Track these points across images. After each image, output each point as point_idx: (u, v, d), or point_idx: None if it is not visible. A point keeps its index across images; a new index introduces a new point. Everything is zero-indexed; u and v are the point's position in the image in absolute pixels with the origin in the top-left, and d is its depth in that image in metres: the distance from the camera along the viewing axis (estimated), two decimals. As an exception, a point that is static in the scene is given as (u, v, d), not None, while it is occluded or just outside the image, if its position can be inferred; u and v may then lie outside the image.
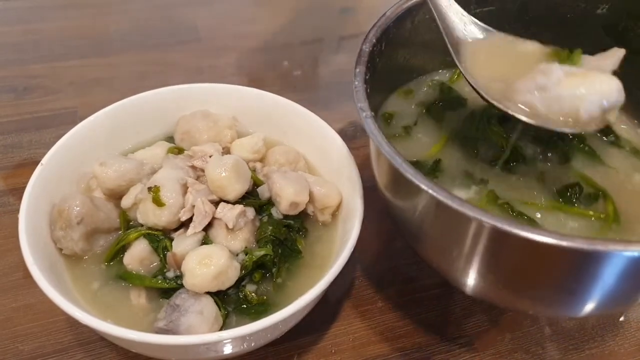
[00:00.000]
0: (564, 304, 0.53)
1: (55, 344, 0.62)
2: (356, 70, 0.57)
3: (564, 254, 0.44)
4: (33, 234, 0.57)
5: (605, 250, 0.41)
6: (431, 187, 0.45)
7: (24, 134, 0.87)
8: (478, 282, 0.53)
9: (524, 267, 0.49)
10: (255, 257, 0.58)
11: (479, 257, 0.49)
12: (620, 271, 0.45)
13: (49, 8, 1.18)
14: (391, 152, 0.49)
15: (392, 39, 0.61)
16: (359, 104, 0.53)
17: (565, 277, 0.48)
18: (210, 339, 0.49)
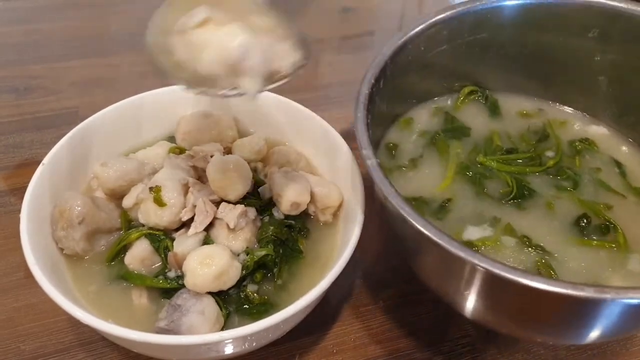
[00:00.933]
0: (563, 337, 0.54)
1: (57, 344, 0.62)
2: (357, 114, 0.57)
3: (557, 298, 0.44)
4: (34, 234, 0.57)
5: (595, 297, 0.41)
6: (442, 238, 0.45)
7: (25, 134, 0.87)
8: (478, 316, 0.54)
9: (523, 308, 0.49)
10: (256, 257, 0.58)
11: (477, 295, 0.50)
12: (617, 313, 0.45)
13: (49, 8, 1.18)
14: (402, 204, 0.48)
15: (389, 75, 0.62)
16: (363, 151, 0.53)
17: (561, 317, 0.48)
18: (211, 339, 0.49)
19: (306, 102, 0.73)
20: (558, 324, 0.50)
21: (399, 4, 1.29)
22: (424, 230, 0.46)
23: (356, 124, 0.56)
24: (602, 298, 0.41)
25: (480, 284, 0.48)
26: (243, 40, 0.46)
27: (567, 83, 0.72)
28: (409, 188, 0.49)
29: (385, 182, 0.50)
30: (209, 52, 0.46)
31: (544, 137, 0.70)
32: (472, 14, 0.67)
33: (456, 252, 0.44)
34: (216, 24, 0.47)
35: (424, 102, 0.74)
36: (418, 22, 0.64)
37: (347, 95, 0.97)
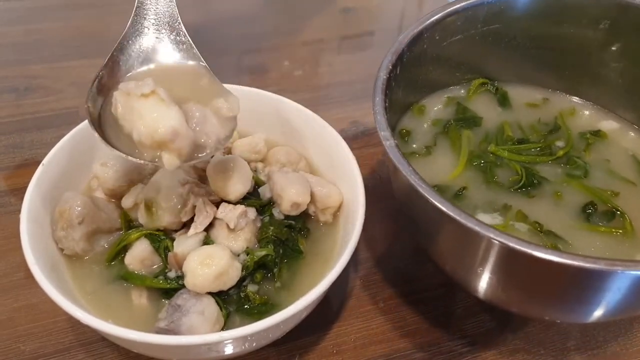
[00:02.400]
0: (575, 314, 0.55)
1: (57, 344, 0.62)
2: (375, 99, 0.58)
3: (570, 271, 0.45)
4: (34, 234, 0.57)
5: (606, 269, 0.43)
6: (460, 215, 0.47)
7: (25, 134, 0.87)
8: (492, 292, 0.55)
9: (538, 281, 0.50)
10: (256, 257, 0.58)
11: (495, 272, 0.51)
12: (626, 287, 0.46)
13: (50, 8, 1.18)
14: (420, 182, 0.49)
15: (406, 62, 0.63)
16: (382, 132, 0.55)
17: (574, 290, 0.49)
18: (211, 339, 0.49)
19: (306, 102, 0.73)
20: (568, 298, 0.50)
21: (399, 4, 1.29)
22: (441, 205, 0.47)
23: (374, 107, 0.57)
24: (612, 270, 0.43)
25: (496, 259, 0.49)
26: (173, 127, 0.50)
27: (578, 74, 0.73)
28: (422, 174, 0.50)
29: (403, 161, 0.51)
30: (142, 124, 0.50)
31: (555, 128, 0.71)
32: (486, 5, 0.68)
33: (473, 227, 0.46)
34: (159, 100, 0.50)
35: (437, 91, 0.76)
36: (434, 12, 0.66)
37: (347, 95, 0.97)
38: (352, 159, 0.65)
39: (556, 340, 0.65)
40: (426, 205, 0.49)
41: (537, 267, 0.47)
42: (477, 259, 0.51)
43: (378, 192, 0.76)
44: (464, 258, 0.55)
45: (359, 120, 0.92)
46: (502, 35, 0.71)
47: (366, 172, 0.65)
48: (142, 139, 0.50)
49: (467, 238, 0.50)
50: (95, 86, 0.56)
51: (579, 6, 0.68)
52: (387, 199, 0.77)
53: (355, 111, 0.93)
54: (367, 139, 0.89)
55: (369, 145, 0.87)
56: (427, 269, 0.71)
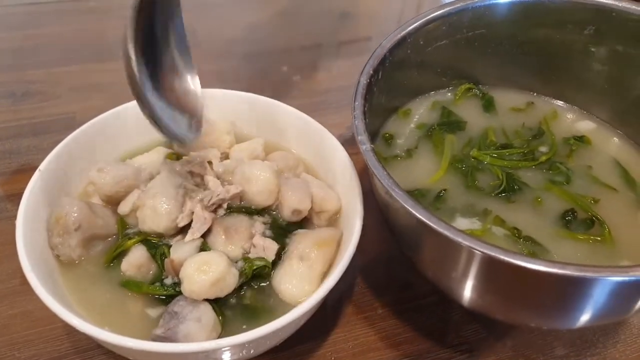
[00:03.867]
0: (558, 320, 0.54)
1: (52, 352, 0.61)
2: (355, 103, 0.58)
3: (552, 279, 0.45)
4: (30, 240, 0.56)
5: (589, 276, 0.43)
6: (435, 222, 0.46)
7: (22, 139, 0.87)
8: (474, 300, 0.55)
9: (519, 290, 0.50)
10: (254, 266, 0.58)
11: (475, 280, 0.51)
12: (609, 293, 0.46)
13: (47, 14, 1.18)
14: (393, 186, 0.50)
15: (388, 67, 0.63)
16: (359, 137, 0.55)
17: (557, 298, 0.49)
18: (208, 347, 0.49)
19: (304, 107, 0.73)
20: (549, 305, 0.50)
21: (397, 9, 1.29)
22: (413, 210, 0.47)
23: (353, 111, 0.57)
24: (583, 276, 0.42)
25: (468, 265, 0.49)
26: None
27: (563, 78, 0.73)
28: (403, 177, 0.51)
29: (378, 166, 0.51)
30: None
31: (539, 133, 0.71)
32: (470, 10, 0.68)
33: (443, 232, 0.45)
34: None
35: (423, 95, 0.76)
36: (417, 18, 0.66)
37: (345, 100, 0.97)
38: (350, 164, 0.65)
39: (555, 346, 0.65)
40: (401, 210, 0.49)
41: (510, 274, 0.47)
42: (451, 265, 0.51)
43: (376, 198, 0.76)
44: (441, 264, 0.55)
45: (357, 126, 0.92)
46: (488, 40, 0.71)
47: (364, 177, 0.65)
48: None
49: (440, 243, 0.50)
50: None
51: (563, 11, 0.68)
52: (385, 204, 0.77)
53: (354, 116, 0.93)
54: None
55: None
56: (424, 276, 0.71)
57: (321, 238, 0.60)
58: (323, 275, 0.59)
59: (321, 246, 0.59)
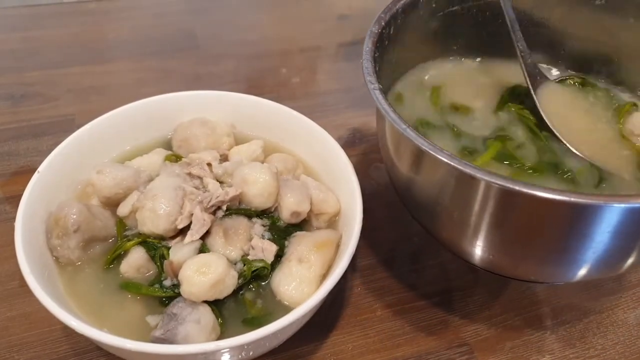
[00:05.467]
0: (560, 262, 0.55)
1: (51, 354, 0.61)
2: (365, 48, 0.59)
3: (562, 208, 0.47)
4: (29, 242, 0.56)
5: (600, 203, 0.44)
6: (438, 151, 0.47)
7: (21, 141, 0.87)
8: (484, 244, 0.55)
9: (527, 223, 0.51)
10: (253, 267, 0.58)
11: (486, 216, 0.51)
12: (614, 224, 0.47)
13: (47, 16, 1.18)
14: (400, 122, 0.51)
15: (400, 23, 0.64)
16: (367, 77, 0.55)
17: (563, 231, 0.50)
18: (207, 349, 0.48)
19: (303, 109, 0.73)
20: (562, 241, 0.51)
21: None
22: (422, 145, 0.48)
23: (364, 55, 0.58)
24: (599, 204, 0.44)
25: (475, 197, 0.50)
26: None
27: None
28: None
29: (385, 104, 0.52)
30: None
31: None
32: None
33: (451, 163, 0.46)
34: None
35: (432, 61, 0.76)
36: None
37: (345, 102, 0.98)
38: (350, 166, 0.65)
39: (555, 348, 0.65)
40: (410, 148, 0.50)
41: (526, 206, 0.48)
42: (462, 204, 0.52)
43: (375, 200, 0.76)
44: (452, 205, 0.55)
45: (356, 127, 0.92)
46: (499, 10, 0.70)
47: (363, 179, 0.65)
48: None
49: (451, 177, 0.51)
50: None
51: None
52: (384, 206, 0.77)
53: (353, 118, 0.93)
54: (364, 146, 0.89)
55: (367, 152, 0.87)
56: (424, 277, 0.71)
57: (320, 240, 0.60)
58: (322, 277, 0.58)
59: (320, 248, 0.59)
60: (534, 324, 0.67)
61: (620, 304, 0.69)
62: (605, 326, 0.67)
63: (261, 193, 0.61)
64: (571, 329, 0.67)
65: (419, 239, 0.75)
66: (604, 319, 0.68)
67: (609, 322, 0.67)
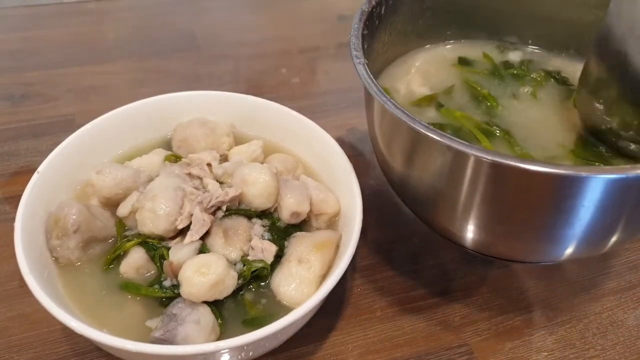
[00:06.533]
0: (546, 239, 0.55)
1: (51, 354, 0.61)
2: (354, 25, 0.60)
3: (544, 180, 0.47)
4: (29, 242, 0.56)
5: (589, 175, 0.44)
6: (428, 129, 0.47)
7: (20, 141, 0.87)
8: (475, 227, 0.55)
9: (514, 198, 0.51)
10: (253, 268, 0.58)
11: (473, 192, 0.51)
12: (600, 197, 0.47)
13: (47, 16, 1.18)
14: (381, 96, 0.51)
15: (391, 6, 0.64)
16: (353, 52, 0.56)
17: (546, 204, 0.50)
18: (207, 349, 0.48)
19: (303, 109, 0.73)
20: (543, 218, 0.51)
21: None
22: (403, 118, 0.48)
23: (352, 31, 0.59)
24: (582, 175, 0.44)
25: (483, 176, 0.49)
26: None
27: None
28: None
29: (369, 80, 0.53)
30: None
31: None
32: None
33: (437, 138, 0.47)
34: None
35: (424, 47, 0.76)
36: None
37: (344, 102, 0.97)
38: (349, 166, 0.65)
39: (555, 348, 0.65)
40: (396, 124, 0.50)
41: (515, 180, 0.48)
42: (446, 175, 0.52)
43: (375, 200, 0.76)
44: (439, 182, 0.55)
45: (356, 128, 0.92)
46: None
47: (363, 179, 0.65)
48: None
49: (436, 153, 0.51)
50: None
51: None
52: (384, 206, 0.77)
53: (352, 118, 0.93)
54: (364, 147, 0.89)
55: (366, 152, 0.87)
56: (424, 277, 0.71)
57: (320, 240, 0.60)
58: (322, 278, 0.58)
59: (320, 249, 0.59)
60: (534, 324, 0.67)
61: (620, 304, 0.69)
62: (605, 326, 0.67)
63: (261, 193, 0.61)
64: (571, 329, 0.67)
65: (418, 240, 0.75)
66: (604, 319, 0.68)
67: (608, 323, 0.67)
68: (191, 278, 0.53)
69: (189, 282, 0.53)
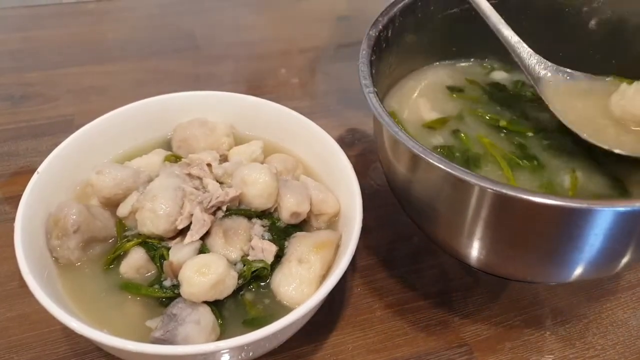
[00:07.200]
0: (554, 264, 0.55)
1: (51, 355, 0.61)
2: (362, 52, 0.59)
3: (555, 213, 0.47)
4: (29, 242, 0.56)
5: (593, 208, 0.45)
6: (442, 162, 0.48)
7: (20, 142, 0.87)
8: (481, 249, 0.55)
9: (519, 226, 0.51)
10: (253, 268, 0.58)
11: (482, 222, 0.52)
12: (606, 227, 0.47)
13: (46, 16, 1.18)
14: (393, 126, 0.52)
15: (398, 26, 0.64)
16: (363, 81, 0.56)
17: (557, 233, 0.50)
18: (207, 349, 0.48)
19: (303, 109, 0.73)
20: (556, 243, 0.51)
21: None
22: (414, 149, 0.49)
23: (360, 58, 0.58)
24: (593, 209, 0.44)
25: (484, 204, 0.50)
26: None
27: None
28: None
29: (380, 108, 0.53)
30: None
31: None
32: None
33: (447, 169, 0.47)
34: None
35: (431, 65, 0.76)
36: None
37: (344, 102, 0.97)
38: (349, 166, 0.65)
39: (555, 348, 0.65)
40: (405, 152, 0.51)
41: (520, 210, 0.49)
42: (454, 202, 0.52)
43: (375, 200, 0.76)
44: (441, 203, 0.55)
45: (355, 128, 0.92)
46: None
47: (363, 179, 0.65)
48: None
49: (442, 179, 0.52)
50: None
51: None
52: (384, 206, 0.77)
53: (352, 119, 0.93)
54: (364, 146, 0.89)
55: (366, 152, 0.87)
56: (424, 277, 0.71)
57: (320, 241, 0.60)
58: (322, 278, 0.58)
59: (320, 249, 0.59)
60: (534, 324, 0.67)
61: (620, 304, 0.69)
62: (605, 326, 0.67)
63: (261, 194, 0.61)
64: (571, 329, 0.67)
65: (418, 240, 0.75)
66: (604, 319, 0.68)
67: (608, 322, 0.67)
68: (191, 278, 0.53)
69: (189, 282, 0.53)
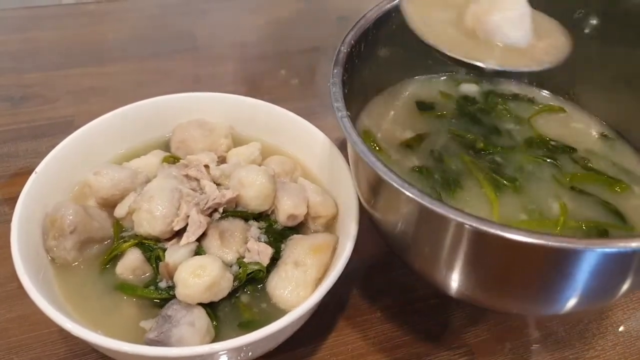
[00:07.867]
0: (545, 300, 0.52)
1: (50, 356, 0.61)
2: (334, 71, 0.56)
3: (539, 251, 0.44)
4: (25, 243, 0.56)
5: (581, 248, 0.41)
6: (415, 193, 0.45)
7: (20, 143, 0.87)
8: (462, 283, 0.52)
9: (505, 264, 0.48)
10: (249, 270, 0.58)
11: (461, 257, 0.49)
12: (595, 266, 0.44)
13: (46, 17, 1.18)
14: (367, 153, 0.48)
15: (371, 40, 0.61)
16: (335, 104, 0.53)
17: (543, 272, 0.47)
18: (201, 351, 0.48)
19: (301, 110, 0.73)
20: (539, 281, 0.48)
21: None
22: (385, 176, 0.46)
23: (331, 78, 0.55)
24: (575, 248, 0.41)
25: (463, 242, 0.47)
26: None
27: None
28: None
29: (353, 133, 0.50)
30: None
31: None
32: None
33: (417, 199, 0.44)
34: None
35: (407, 79, 0.72)
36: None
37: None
38: (347, 167, 0.65)
39: (554, 350, 0.64)
40: (380, 182, 0.47)
41: (500, 248, 0.46)
42: (441, 243, 0.49)
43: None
44: (416, 235, 0.52)
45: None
46: None
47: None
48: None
49: (420, 214, 0.48)
50: None
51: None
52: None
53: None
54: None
55: (365, 153, 0.87)
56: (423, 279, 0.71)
57: (317, 243, 0.60)
58: (318, 281, 0.58)
59: (317, 252, 0.59)
60: (534, 325, 0.66)
61: (620, 305, 0.69)
62: (605, 327, 0.67)
63: (257, 196, 0.61)
64: (571, 330, 0.66)
65: (417, 240, 0.75)
66: (604, 319, 0.67)
67: (608, 323, 0.67)
68: (186, 280, 0.53)
69: (184, 284, 0.53)
